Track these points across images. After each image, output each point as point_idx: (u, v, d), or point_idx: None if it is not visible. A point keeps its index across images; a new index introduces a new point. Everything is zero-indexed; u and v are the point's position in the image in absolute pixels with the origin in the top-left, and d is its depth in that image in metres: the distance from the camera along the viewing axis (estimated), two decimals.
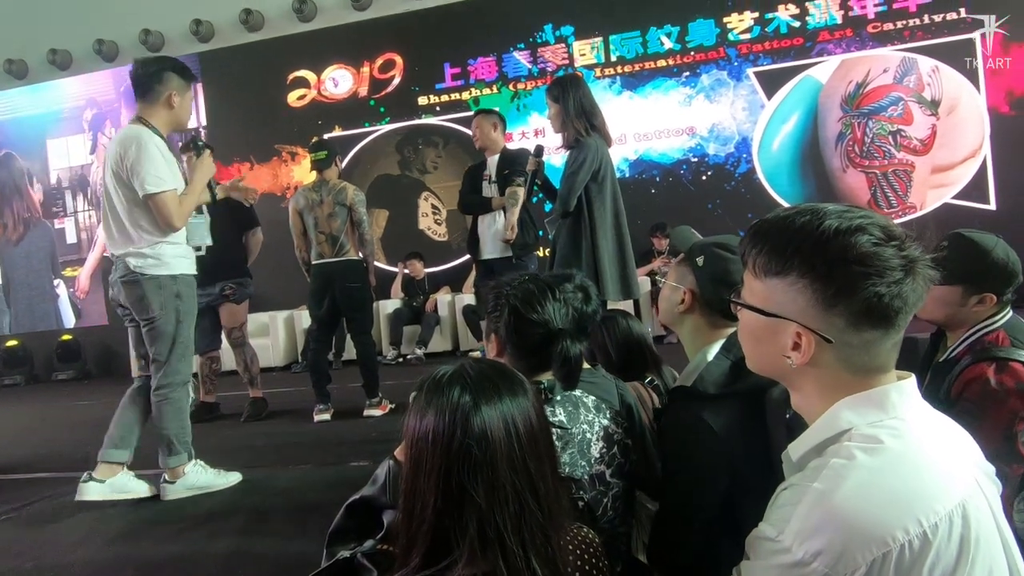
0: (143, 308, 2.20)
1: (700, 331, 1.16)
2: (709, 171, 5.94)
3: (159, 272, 2.19)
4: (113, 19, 7.34)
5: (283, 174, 6.84)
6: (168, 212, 2.15)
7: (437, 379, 0.76)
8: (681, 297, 1.16)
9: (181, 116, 2.33)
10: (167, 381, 2.23)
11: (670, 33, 5.97)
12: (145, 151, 2.13)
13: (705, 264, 1.12)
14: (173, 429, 2.23)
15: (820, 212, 0.64)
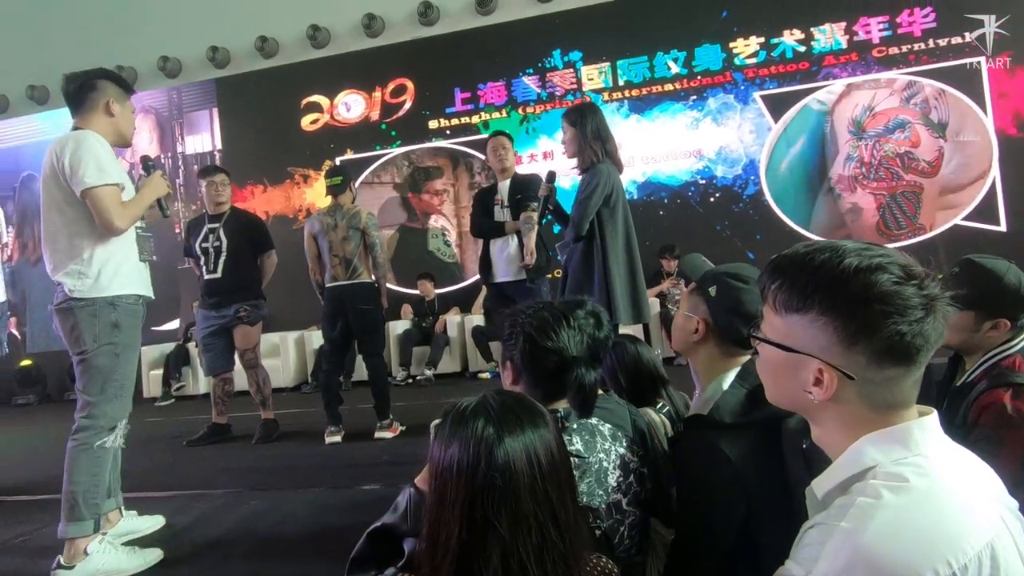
0: (75, 340, 1.91)
1: (714, 360, 1.17)
2: (717, 193, 5.98)
3: (95, 295, 1.90)
4: (132, 46, 7.54)
5: (295, 196, 6.94)
6: (107, 207, 1.86)
7: (461, 411, 0.78)
8: (695, 326, 1.18)
9: (122, 126, 2.08)
10: (90, 424, 1.89)
11: (677, 58, 6.07)
12: (84, 145, 1.89)
13: (718, 294, 1.14)
14: (83, 485, 1.85)
15: (840, 250, 0.65)
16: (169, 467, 3.22)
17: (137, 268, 2.04)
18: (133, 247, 2.02)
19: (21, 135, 7.88)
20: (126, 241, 1.99)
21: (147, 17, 7.60)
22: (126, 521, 2.11)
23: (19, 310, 7.86)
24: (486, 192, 3.39)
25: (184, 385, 6.32)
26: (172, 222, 7.09)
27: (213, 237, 3.54)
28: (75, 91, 2.03)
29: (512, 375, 1.16)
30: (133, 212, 1.96)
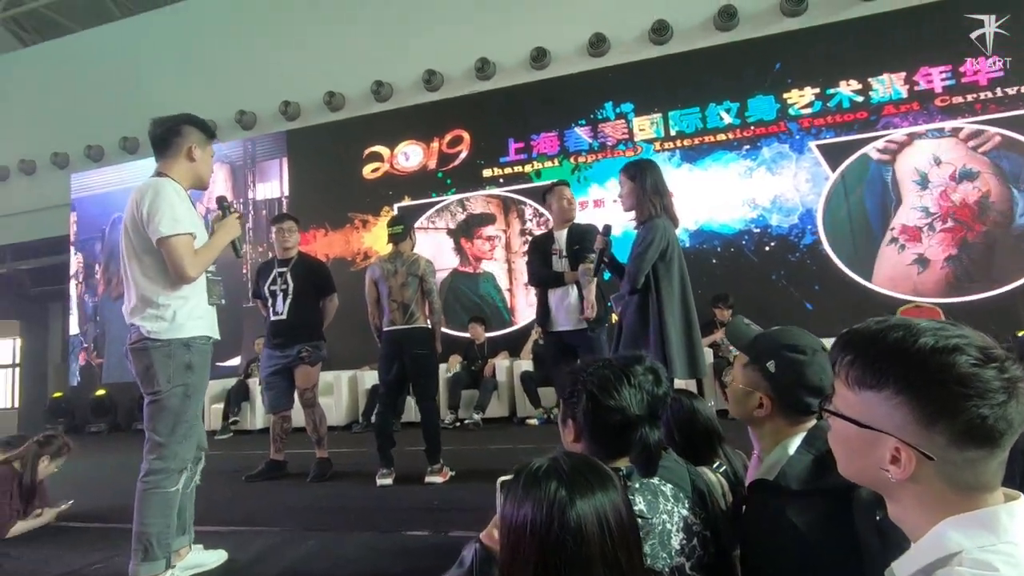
0: (149, 380, 1.96)
1: (779, 428, 1.16)
2: (772, 242, 5.88)
3: (171, 336, 1.97)
4: (212, 100, 8.22)
5: (354, 240, 7.26)
6: (180, 257, 1.94)
7: (534, 471, 0.81)
8: (758, 402, 1.16)
9: (201, 170, 2.16)
10: (162, 467, 1.94)
11: (729, 109, 6.12)
12: (162, 195, 1.97)
13: (779, 371, 1.12)
14: (156, 527, 1.90)
15: (914, 328, 0.65)
16: (229, 502, 3.33)
17: (208, 311, 2.12)
18: (204, 290, 2.10)
19: (112, 182, 8.63)
20: (198, 285, 2.07)
21: (227, 74, 8.31)
22: (193, 555, 2.18)
23: (99, 343, 8.42)
24: (542, 240, 3.40)
25: (238, 420, 6.56)
26: (241, 262, 7.51)
27: (281, 280, 3.75)
28: (161, 135, 2.11)
29: (574, 433, 1.18)
30: (205, 259, 2.04)
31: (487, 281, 6.74)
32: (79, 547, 2.64)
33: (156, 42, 8.84)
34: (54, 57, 9.58)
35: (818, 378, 1.10)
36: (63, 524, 3.03)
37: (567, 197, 3.31)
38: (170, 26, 8.81)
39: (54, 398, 8.58)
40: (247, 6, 8.42)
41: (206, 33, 8.55)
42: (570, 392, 1.19)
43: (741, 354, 1.25)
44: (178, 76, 8.55)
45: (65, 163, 9.08)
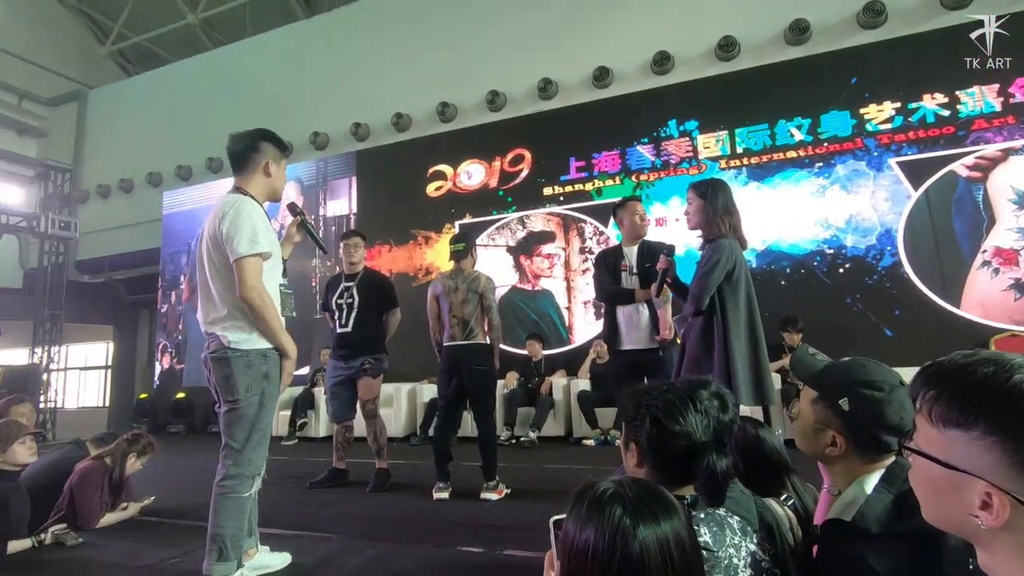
0: (229, 388, 2.04)
1: (854, 466, 1.09)
2: (847, 264, 5.58)
3: (250, 347, 2.05)
4: (289, 123, 8.73)
5: (417, 256, 7.46)
6: (247, 277, 2.01)
7: (598, 495, 0.80)
8: (830, 440, 1.09)
9: (277, 185, 2.25)
10: (237, 472, 2.03)
11: (801, 125, 5.90)
12: (243, 215, 2.05)
13: (853, 409, 1.05)
14: (230, 529, 1.99)
15: (1006, 364, 0.61)
16: (293, 506, 3.46)
17: (281, 321, 2.18)
18: (278, 303, 2.17)
19: (199, 199, 9.28)
20: (276, 298, 2.14)
21: (303, 98, 8.82)
22: (260, 556, 2.27)
23: (181, 349, 9.01)
24: (610, 255, 3.30)
25: (307, 422, 6.82)
26: (311, 276, 7.87)
27: (347, 295, 3.90)
28: (240, 151, 2.20)
29: (637, 457, 1.15)
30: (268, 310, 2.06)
31: (546, 299, 6.74)
32: (158, 541, 2.81)
33: (240, 71, 9.52)
34: (152, 86, 10.48)
35: (898, 416, 1.03)
36: (144, 518, 3.24)
37: (639, 213, 3.24)
38: (252, 57, 9.47)
39: (140, 399, 9.23)
40: (322, 37, 8.94)
41: (284, 62, 9.13)
42: (633, 415, 1.16)
43: (808, 388, 1.18)
44: (259, 101, 9.16)
45: (159, 182, 9.87)
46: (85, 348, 11.81)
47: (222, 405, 2.09)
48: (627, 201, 3.32)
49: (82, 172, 10.81)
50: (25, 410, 3.58)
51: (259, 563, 2.23)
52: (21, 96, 11.05)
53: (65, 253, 9.72)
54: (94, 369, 11.95)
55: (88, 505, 2.98)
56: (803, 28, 6.07)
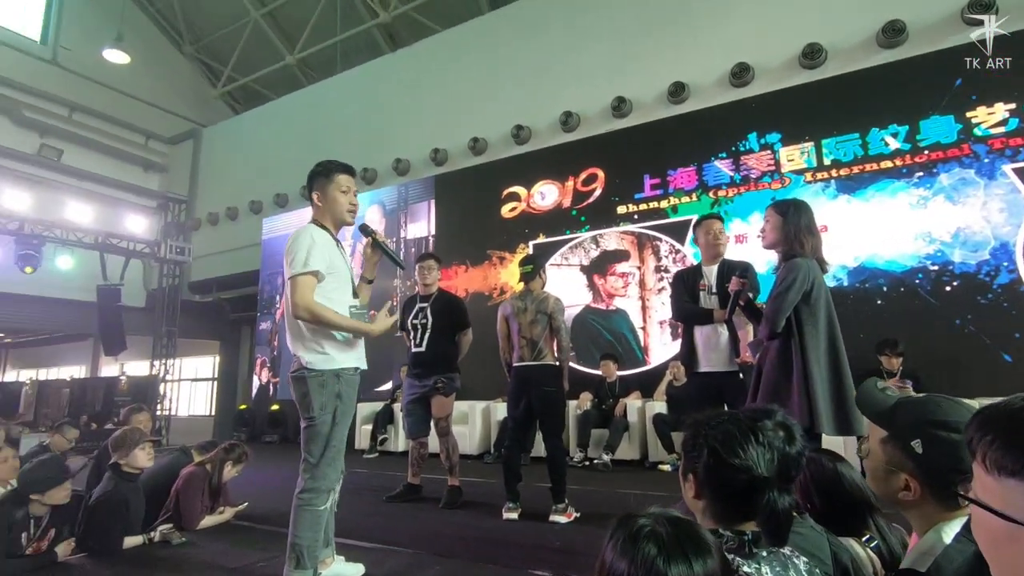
0: (305, 406, 2.18)
1: (931, 512, 1.01)
2: (955, 281, 5.09)
3: (324, 367, 2.16)
4: (374, 151, 9.28)
5: (492, 276, 7.61)
6: (296, 294, 2.10)
7: (634, 530, 0.80)
8: (902, 484, 1.01)
9: (333, 210, 2.31)
10: (313, 486, 2.15)
11: (896, 133, 5.49)
12: (297, 240, 2.16)
13: (927, 452, 0.97)
14: (307, 540, 2.12)
15: None
16: (369, 518, 3.61)
17: (356, 343, 2.29)
18: None
19: (293, 224, 9.97)
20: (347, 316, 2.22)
21: (385, 128, 9.33)
22: (336, 565, 2.39)
23: (275, 364, 9.68)
24: (690, 275, 3.24)
25: (387, 438, 7.09)
26: (392, 296, 8.23)
27: (422, 315, 4.05)
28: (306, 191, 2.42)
29: (695, 489, 1.11)
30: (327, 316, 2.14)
31: (620, 318, 6.64)
32: (249, 545, 3.03)
33: (330, 105, 10.24)
34: (255, 122, 11.50)
35: None
36: (239, 522, 3.50)
37: (713, 231, 3.17)
38: (342, 91, 10.17)
39: (239, 410, 9.99)
40: (404, 69, 9.44)
41: (370, 94, 9.73)
42: (691, 445, 1.13)
43: (876, 426, 1.10)
44: (347, 131, 9.80)
45: (259, 209, 10.75)
46: (195, 361, 12.97)
47: (302, 421, 2.23)
48: (703, 219, 3.27)
49: (195, 202, 11.99)
50: (144, 418, 4.00)
51: (334, 572, 2.36)
52: (147, 136, 12.48)
53: (180, 276, 10.79)
54: (202, 381, 13.08)
55: (191, 507, 3.27)
56: (898, 29, 5.68)
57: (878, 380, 1.19)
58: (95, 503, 2.96)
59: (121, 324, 9.61)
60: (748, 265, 3.03)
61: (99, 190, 11.26)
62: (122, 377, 10.28)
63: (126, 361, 12.14)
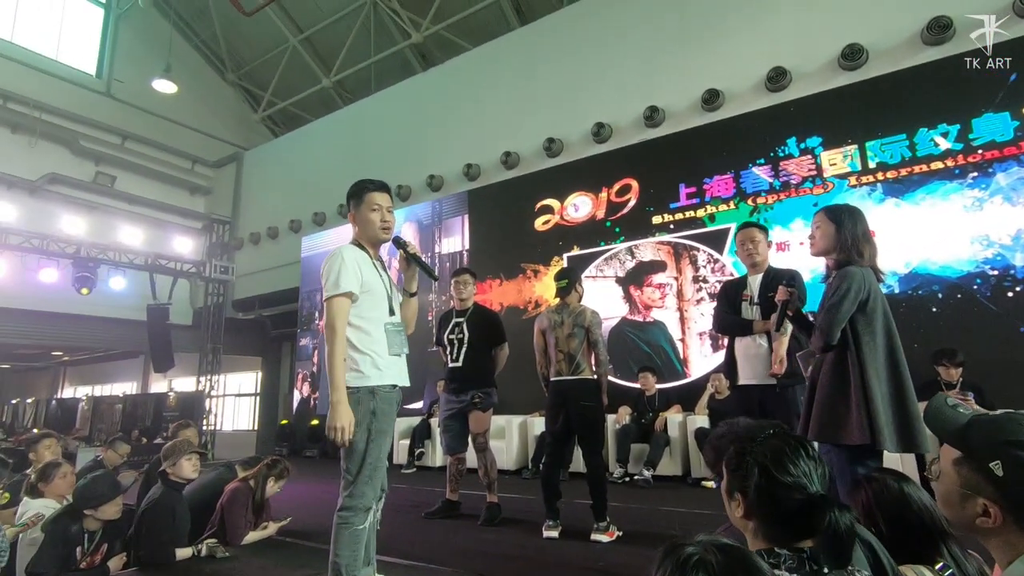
0: None
1: (1016, 542, 0.92)
2: (1018, 287, 4.80)
3: (359, 384, 2.15)
4: (408, 169, 9.42)
5: (526, 289, 7.58)
6: (330, 315, 2.14)
7: (682, 560, 0.75)
8: (981, 510, 0.93)
9: (367, 230, 2.33)
10: (351, 504, 2.12)
11: (947, 133, 5.25)
12: (331, 262, 2.21)
13: (1009, 475, 0.89)
14: (345, 558, 2.09)
15: None
16: (408, 535, 3.60)
17: (392, 360, 2.25)
18: (386, 343, 2.24)
19: (331, 242, 10.21)
20: (382, 337, 2.23)
21: (420, 145, 9.47)
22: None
23: (315, 379, 9.86)
24: (734, 286, 3.17)
25: (424, 452, 7.09)
26: (426, 311, 8.29)
27: (458, 330, 4.05)
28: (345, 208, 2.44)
29: (744, 509, 1.05)
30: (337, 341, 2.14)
31: (658, 330, 6.51)
32: (291, 561, 3.05)
33: (365, 124, 10.47)
34: (294, 144, 11.85)
35: None
36: (281, 538, 3.54)
37: (747, 239, 3.10)
38: (376, 111, 10.39)
39: (281, 425, 10.19)
40: (436, 88, 9.59)
41: (403, 113, 9.91)
42: (737, 463, 1.07)
43: (949, 446, 1.02)
44: (381, 150, 9.99)
45: (299, 228, 11.03)
46: (239, 377, 13.33)
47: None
48: (740, 228, 3.20)
49: (238, 222, 12.40)
50: (191, 433, 4.12)
51: None
52: (193, 161, 13.01)
53: (224, 294, 11.15)
54: (246, 396, 13.43)
55: (236, 522, 3.32)
56: (944, 25, 5.45)
57: (947, 396, 1.11)
58: (144, 509, 3.04)
59: (169, 341, 9.96)
60: (795, 273, 2.92)
61: (149, 213, 11.80)
62: (170, 393, 10.64)
63: (174, 377, 12.57)
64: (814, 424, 2.19)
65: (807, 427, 2.22)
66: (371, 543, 2.32)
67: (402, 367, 2.33)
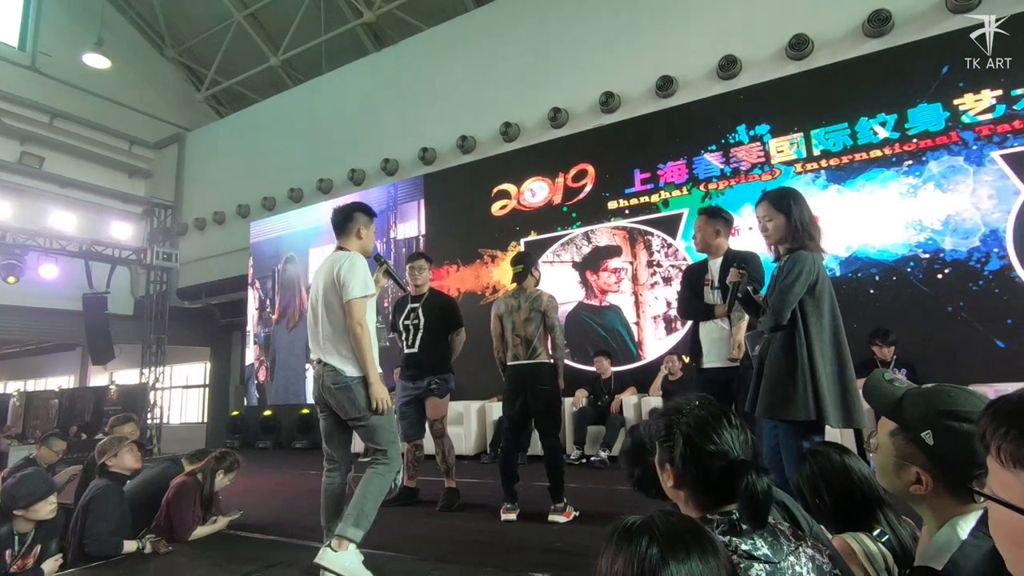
0: (355, 407, 2.54)
1: (945, 506, 0.97)
2: (947, 269, 5.10)
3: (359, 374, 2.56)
4: (361, 153, 9.20)
5: (483, 275, 7.55)
6: (359, 314, 2.54)
7: (628, 527, 0.77)
8: (914, 478, 0.98)
9: (367, 244, 2.81)
10: (387, 461, 2.57)
11: (885, 122, 5.49)
12: (356, 266, 2.59)
13: (939, 443, 0.94)
14: (369, 505, 2.47)
15: None
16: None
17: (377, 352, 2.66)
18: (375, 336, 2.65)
19: (281, 227, 9.91)
20: (374, 334, 2.64)
21: (374, 128, 9.24)
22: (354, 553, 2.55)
23: (270, 369, 9.57)
24: (695, 270, 3.22)
25: None
26: (383, 297, 8.15)
27: (413, 316, 4.00)
28: (340, 221, 2.79)
29: (673, 479, 1.09)
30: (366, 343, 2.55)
31: (614, 314, 6.61)
32: (243, 555, 2.96)
33: (316, 106, 10.13)
34: (240, 125, 11.36)
35: None
36: (232, 532, 3.44)
37: (699, 228, 3.16)
38: (328, 92, 10.06)
39: (232, 416, 9.87)
40: (390, 69, 9.35)
41: (356, 95, 9.63)
42: (664, 435, 1.11)
43: (886, 418, 1.07)
44: (334, 133, 9.70)
45: (247, 213, 10.63)
46: (186, 368, 12.82)
47: (352, 422, 2.60)
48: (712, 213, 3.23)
49: (182, 207, 11.83)
50: (129, 429, 3.92)
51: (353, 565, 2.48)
52: (131, 142, 12.31)
53: (167, 282, 10.64)
54: (194, 388, 12.94)
55: (182, 518, 3.20)
56: (884, 18, 5.67)
57: (885, 371, 1.16)
58: (86, 502, 2.90)
59: (109, 333, 9.47)
60: (750, 256, 3.00)
61: (83, 197, 11.11)
62: (112, 386, 10.12)
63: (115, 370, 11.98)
64: (762, 401, 2.28)
65: (755, 404, 2.31)
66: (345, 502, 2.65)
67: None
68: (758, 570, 0.92)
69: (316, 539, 3.15)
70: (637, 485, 1.46)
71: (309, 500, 4.48)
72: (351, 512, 2.43)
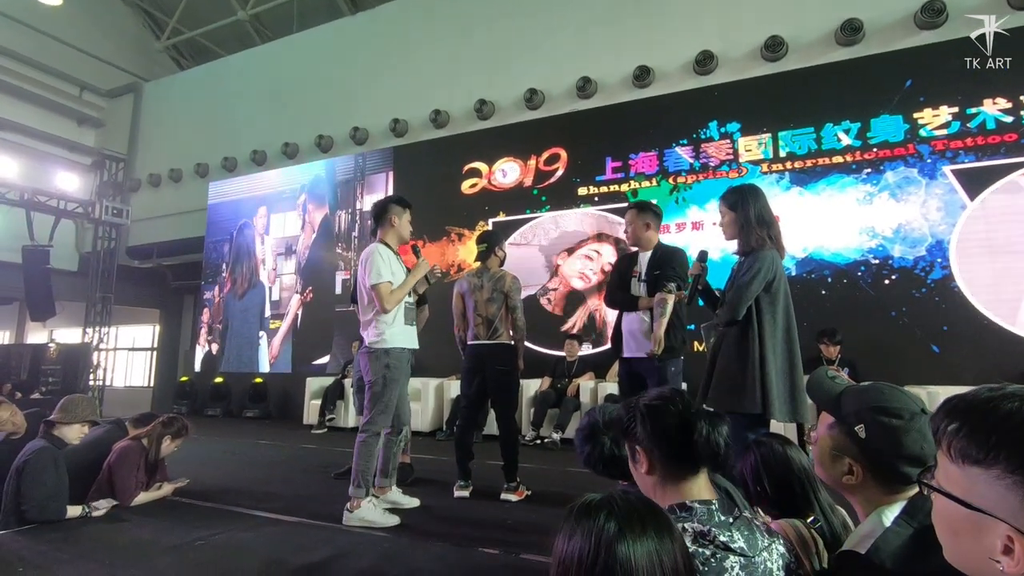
0: (367, 374, 3.03)
1: (872, 496, 1.04)
2: (894, 275, 5.34)
3: (379, 346, 2.99)
4: (330, 118, 8.93)
5: (450, 252, 7.50)
6: (379, 298, 2.97)
7: (586, 503, 0.79)
8: (847, 468, 1.05)
9: (402, 231, 3.19)
10: (368, 428, 2.97)
11: (849, 129, 5.67)
12: (372, 257, 3.00)
13: (870, 437, 1.00)
14: (361, 466, 2.91)
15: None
16: (318, 495, 3.53)
17: (406, 329, 3.10)
18: (403, 315, 3.07)
19: (242, 190, 9.57)
20: (399, 312, 3.06)
21: (344, 94, 8.98)
22: (392, 494, 3.22)
23: (222, 335, 9.31)
24: (626, 261, 3.26)
25: (334, 418, 6.95)
26: (342, 268, 8.00)
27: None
28: (377, 213, 3.20)
29: (645, 460, 1.13)
30: (399, 296, 3.03)
31: (578, 299, 6.68)
32: (187, 522, 2.91)
33: (285, 66, 9.74)
34: (203, 80, 10.85)
35: (918, 447, 0.98)
36: (178, 499, 3.36)
37: (630, 222, 3.18)
38: (298, 52, 9.69)
39: (180, 382, 9.59)
40: (365, 34, 9.07)
41: (327, 58, 9.31)
42: (628, 423, 1.15)
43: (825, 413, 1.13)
44: (302, 96, 9.37)
45: (205, 172, 10.21)
46: (133, 330, 12.32)
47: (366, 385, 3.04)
48: (627, 209, 3.28)
49: (135, 161, 11.27)
50: (6, 414, 3.42)
51: (391, 498, 3.18)
52: (82, 88, 11.60)
53: (117, 239, 10.14)
54: (141, 351, 12.47)
55: (124, 483, 3.11)
56: (855, 28, 5.82)
57: (827, 369, 1.22)
58: (20, 464, 2.77)
59: (50, 288, 8.99)
60: (675, 251, 3.08)
61: (26, 142, 10.45)
62: (51, 344, 9.66)
63: (55, 328, 11.43)
64: (713, 393, 2.36)
65: (706, 395, 2.38)
66: (395, 458, 3.28)
67: (414, 335, 3.18)
68: (732, 562, 0.96)
69: (263, 509, 3.13)
70: (587, 461, 1.57)
71: (258, 470, 4.42)
72: (353, 477, 2.89)
